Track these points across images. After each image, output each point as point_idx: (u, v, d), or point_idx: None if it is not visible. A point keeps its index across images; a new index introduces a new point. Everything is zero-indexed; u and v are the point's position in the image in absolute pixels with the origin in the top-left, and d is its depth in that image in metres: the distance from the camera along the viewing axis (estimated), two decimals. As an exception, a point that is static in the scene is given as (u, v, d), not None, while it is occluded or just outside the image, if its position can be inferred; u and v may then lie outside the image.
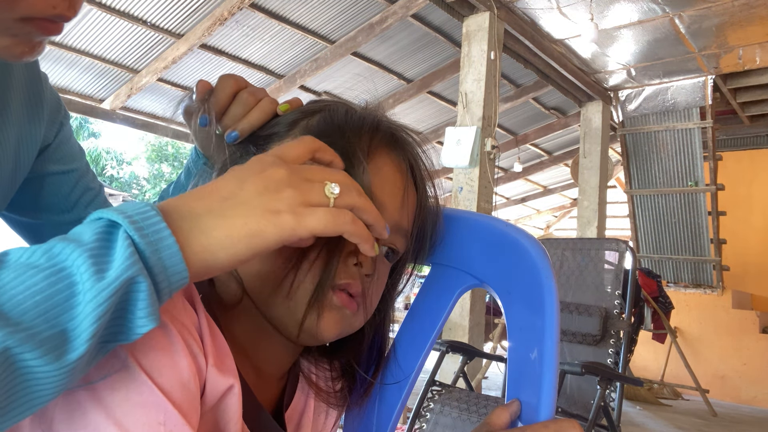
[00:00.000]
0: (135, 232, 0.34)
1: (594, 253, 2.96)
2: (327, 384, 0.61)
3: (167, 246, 0.35)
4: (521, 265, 0.57)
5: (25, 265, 0.32)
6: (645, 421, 4.68)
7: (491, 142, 4.07)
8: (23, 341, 0.30)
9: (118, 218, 0.35)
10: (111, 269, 0.33)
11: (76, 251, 0.33)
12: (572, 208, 12.06)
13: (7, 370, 0.29)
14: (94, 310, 0.32)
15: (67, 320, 0.32)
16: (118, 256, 0.33)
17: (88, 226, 0.35)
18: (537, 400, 0.53)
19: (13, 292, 0.31)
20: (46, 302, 0.31)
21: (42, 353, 0.30)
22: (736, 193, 6.53)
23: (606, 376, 2.33)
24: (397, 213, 0.55)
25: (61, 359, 0.31)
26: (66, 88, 5.63)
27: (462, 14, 4.31)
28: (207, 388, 0.43)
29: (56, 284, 0.32)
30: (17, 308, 0.30)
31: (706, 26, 4.64)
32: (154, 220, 0.36)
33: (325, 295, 0.49)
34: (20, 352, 0.30)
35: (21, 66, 0.70)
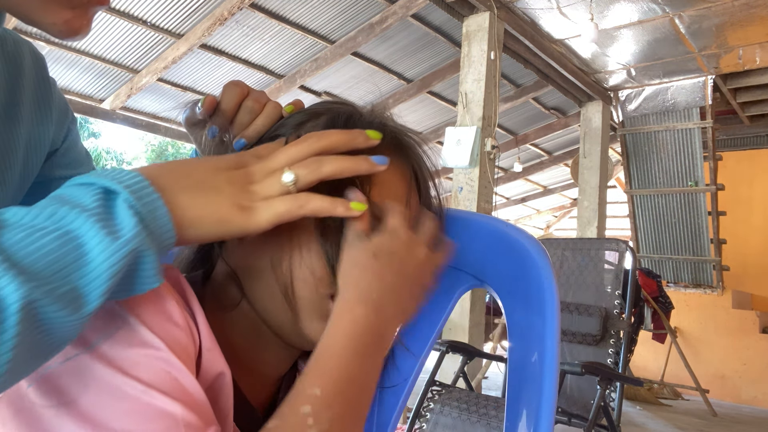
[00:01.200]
0: (135, 201, 0.37)
1: (594, 253, 2.96)
2: None
3: (162, 215, 0.39)
4: (521, 265, 0.57)
5: (31, 227, 0.34)
6: (645, 421, 4.68)
7: (491, 142, 4.07)
8: (45, 295, 0.32)
9: (116, 187, 0.37)
10: (121, 235, 0.36)
11: (82, 216, 0.35)
12: (572, 208, 12.06)
13: (32, 321, 0.32)
14: (107, 270, 0.35)
15: (78, 278, 0.34)
16: (125, 224, 0.36)
17: (83, 190, 0.37)
18: (537, 400, 0.53)
19: (28, 250, 0.33)
20: (58, 262, 0.34)
21: (62, 306, 0.33)
22: (736, 193, 6.52)
23: (606, 376, 2.33)
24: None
25: (78, 311, 0.34)
26: (66, 88, 5.63)
27: (462, 14, 4.31)
28: (202, 366, 0.44)
29: (66, 245, 0.34)
30: (35, 266, 0.33)
31: (706, 26, 4.64)
32: (149, 190, 0.39)
33: (326, 302, 0.50)
34: (43, 305, 0.32)
35: (31, 68, 0.70)
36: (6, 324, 0.31)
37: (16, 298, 0.31)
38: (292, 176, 0.44)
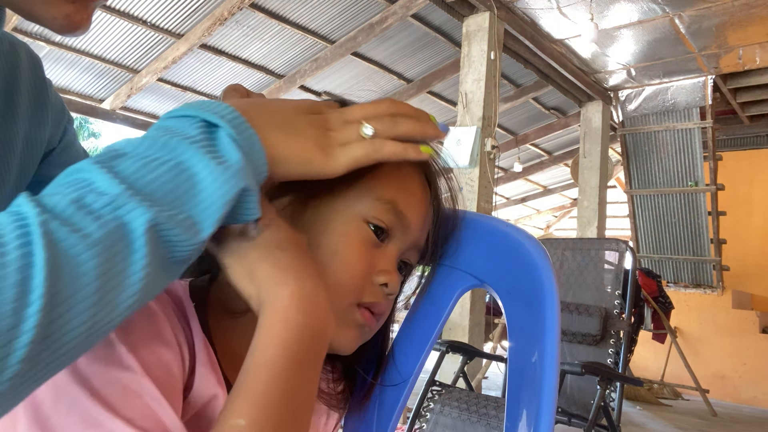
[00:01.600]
0: (237, 135, 0.39)
1: (594, 253, 2.96)
2: (329, 386, 0.61)
3: (258, 149, 0.40)
4: (521, 265, 0.57)
5: (145, 157, 0.36)
6: (645, 421, 4.68)
7: (491, 142, 4.07)
8: (167, 220, 0.35)
9: (217, 120, 0.39)
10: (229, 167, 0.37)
11: (192, 147, 0.37)
12: (572, 208, 12.06)
13: (158, 242, 0.35)
14: (218, 200, 0.37)
15: (191, 207, 0.36)
16: (231, 156, 0.38)
17: (184, 122, 0.39)
18: (537, 400, 0.53)
19: (146, 179, 0.35)
20: (175, 191, 0.36)
21: (181, 231, 0.35)
22: (736, 193, 6.52)
23: (606, 376, 2.33)
24: (419, 231, 0.55)
25: (195, 237, 0.36)
26: (66, 88, 5.63)
27: (462, 14, 4.32)
28: (195, 386, 0.43)
29: (179, 175, 0.36)
30: (154, 194, 0.35)
31: (706, 26, 4.64)
32: (246, 125, 0.40)
33: (351, 312, 0.50)
34: (166, 228, 0.35)
35: (28, 69, 0.70)
36: (136, 245, 0.33)
37: (143, 221, 0.33)
38: (372, 129, 0.46)
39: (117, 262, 0.32)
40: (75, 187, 0.34)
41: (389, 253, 0.52)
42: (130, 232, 0.33)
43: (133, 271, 0.33)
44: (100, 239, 0.32)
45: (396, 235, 0.53)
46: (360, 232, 0.50)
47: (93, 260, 0.31)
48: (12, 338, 0.29)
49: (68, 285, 0.31)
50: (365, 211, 0.51)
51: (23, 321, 0.29)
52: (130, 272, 0.33)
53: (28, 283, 0.29)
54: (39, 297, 0.29)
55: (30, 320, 0.29)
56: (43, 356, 0.30)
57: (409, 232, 0.54)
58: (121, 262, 0.33)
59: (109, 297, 0.32)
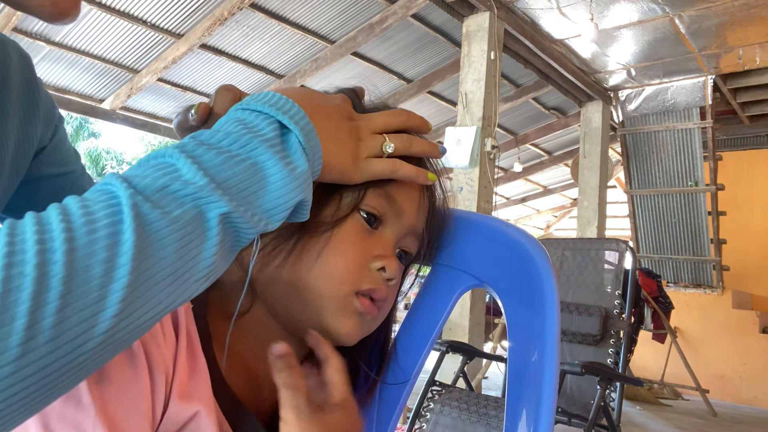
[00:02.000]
0: (306, 144, 0.42)
1: (594, 253, 2.96)
2: None
3: (318, 158, 0.44)
4: (521, 265, 0.57)
5: (227, 153, 0.39)
6: (645, 421, 4.68)
7: (491, 142, 4.07)
8: (240, 214, 0.37)
9: (290, 124, 0.42)
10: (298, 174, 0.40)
11: (269, 151, 0.40)
12: (572, 208, 12.06)
13: (228, 230, 0.37)
14: (283, 204, 0.40)
15: (258, 206, 0.39)
16: (300, 164, 0.41)
17: (260, 119, 0.42)
18: (537, 400, 0.53)
19: (227, 174, 0.38)
20: (248, 188, 0.38)
21: (249, 226, 0.38)
22: (736, 193, 6.52)
23: (606, 376, 2.33)
24: (414, 217, 0.55)
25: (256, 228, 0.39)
26: (66, 88, 5.63)
27: (462, 14, 4.32)
28: (167, 415, 0.42)
29: (254, 175, 0.39)
30: (232, 189, 0.37)
31: (706, 26, 4.64)
32: (314, 135, 0.43)
33: (350, 300, 0.50)
34: (236, 221, 0.37)
35: (18, 68, 0.70)
36: (209, 233, 0.36)
37: (218, 213, 0.36)
38: (393, 147, 0.51)
39: (193, 247, 0.35)
40: (162, 172, 0.36)
41: (384, 239, 0.53)
42: (207, 221, 0.36)
43: (205, 256, 0.35)
44: (183, 225, 0.34)
45: (390, 222, 0.53)
46: (352, 220, 0.51)
47: (174, 243, 0.34)
48: (98, 311, 0.30)
49: (152, 264, 0.32)
50: (356, 199, 0.51)
51: (109, 295, 0.30)
52: (202, 257, 0.35)
53: (115, 259, 0.31)
54: (126, 273, 0.31)
55: (116, 295, 0.31)
56: (121, 332, 0.32)
57: (403, 217, 0.54)
58: (196, 247, 0.35)
59: (183, 278, 0.34)
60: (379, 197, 0.52)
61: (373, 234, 0.52)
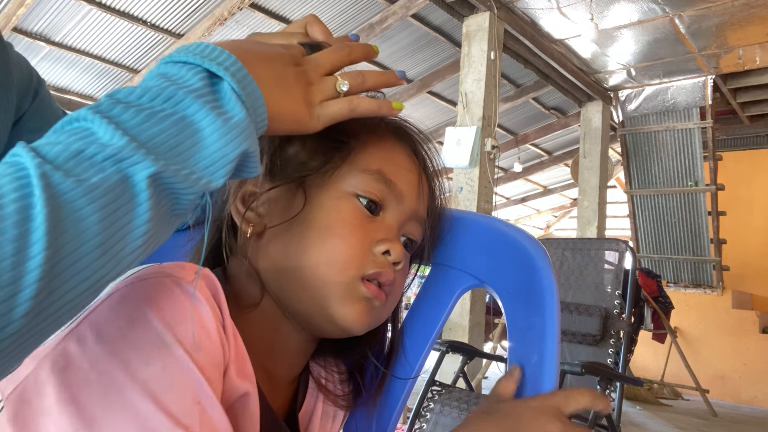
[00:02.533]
0: (240, 90, 0.38)
1: (594, 253, 2.95)
2: (336, 387, 0.61)
3: (260, 106, 0.40)
4: (521, 265, 0.57)
5: (149, 109, 0.35)
6: (645, 421, 4.68)
7: (491, 142, 4.07)
8: (173, 174, 0.34)
9: (220, 72, 0.38)
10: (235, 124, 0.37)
11: (197, 101, 0.36)
12: (572, 208, 12.06)
13: (161, 192, 0.34)
14: (222, 158, 0.36)
15: (194, 163, 0.36)
16: (236, 112, 0.37)
17: (185, 70, 0.38)
18: (537, 400, 0.53)
19: (151, 132, 0.34)
20: (178, 146, 0.35)
21: (186, 185, 0.35)
22: (736, 193, 6.52)
23: (606, 376, 2.33)
24: (415, 201, 0.55)
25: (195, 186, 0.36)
26: (66, 88, 5.63)
27: (462, 14, 4.31)
28: (225, 387, 0.43)
29: (184, 130, 0.35)
30: (158, 148, 0.34)
31: (706, 26, 4.64)
32: (249, 79, 0.39)
33: (356, 286, 0.50)
34: (171, 182, 0.34)
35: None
36: (139, 198, 0.33)
37: (146, 175, 0.33)
38: (347, 85, 0.47)
39: (121, 215, 0.32)
40: (77, 137, 0.33)
41: (387, 223, 0.53)
42: (134, 185, 0.33)
43: (137, 224, 0.33)
44: (105, 191, 0.31)
45: (390, 206, 0.53)
46: (351, 206, 0.51)
47: (97, 213, 0.31)
48: (13, 293, 0.28)
49: (72, 238, 0.30)
50: (354, 185, 0.51)
51: (24, 275, 0.28)
52: (134, 225, 0.33)
53: (27, 236, 0.28)
54: (41, 250, 0.29)
55: (31, 274, 0.28)
56: (47, 312, 0.30)
57: (403, 202, 0.54)
58: (125, 215, 0.32)
59: (114, 250, 0.32)
60: (377, 182, 0.52)
61: (374, 220, 0.52)
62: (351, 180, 0.51)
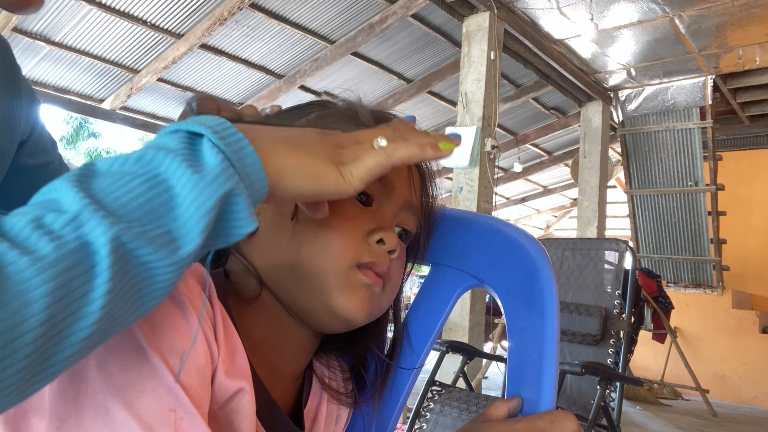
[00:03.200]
0: (219, 141, 0.35)
1: (594, 253, 2.95)
2: (339, 385, 0.61)
3: (249, 154, 0.37)
4: (521, 265, 0.57)
5: (120, 173, 0.33)
6: (645, 421, 4.68)
7: (491, 142, 4.07)
8: (137, 237, 0.31)
9: (199, 129, 0.36)
10: (207, 173, 0.34)
11: (168, 157, 0.34)
12: (572, 208, 12.06)
13: (126, 264, 0.31)
14: (198, 209, 0.33)
15: (170, 221, 0.33)
16: (210, 162, 0.35)
17: (169, 137, 0.36)
18: (537, 400, 0.53)
19: (116, 194, 0.32)
20: (148, 205, 0.32)
21: (155, 248, 0.32)
22: (736, 193, 6.52)
23: (606, 376, 2.33)
24: (407, 191, 0.55)
25: (175, 254, 0.32)
26: (66, 88, 5.63)
27: (462, 14, 4.32)
28: (214, 388, 0.42)
29: (155, 188, 0.33)
30: (124, 209, 0.32)
31: (706, 26, 4.64)
32: (233, 131, 0.37)
33: (353, 274, 0.50)
34: (135, 247, 0.31)
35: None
36: (98, 268, 0.30)
37: (107, 240, 0.30)
38: (385, 141, 0.44)
39: (74, 288, 0.29)
40: (41, 206, 0.31)
41: (380, 214, 0.53)
42: (93, 254, 0.30)
43: (91, 298, 0.29)
44: (54, 262, 0.28)
45: (382, 197, 0.53)
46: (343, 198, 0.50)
47: (43, 286, 0.28)
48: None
49: (11, 315, 0.27)
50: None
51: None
52: (87, 300, 0.29)
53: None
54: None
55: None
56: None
57: (395, 192, 0.54)
58: (78, 288, 0.29)
59: (60, 327, 0.29)
60: None
61: (366, 211, 0.52)
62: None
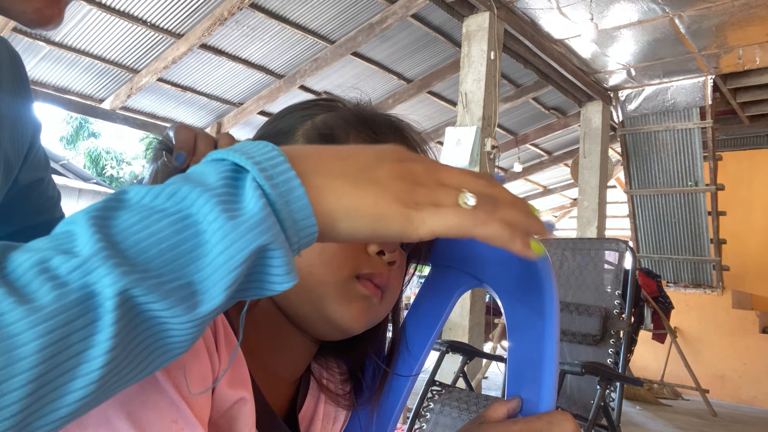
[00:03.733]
0: (265, 182, 0.31)
1: (594, 253, 2.95)
2: (337, 387, 0.61)
3: (297, 198, 0.32)
4: (521, 265, 0.57)
5: (149, 209, 0.29)
6: (645, 421, 4.68)
7: (491, 142, 4.07)
8: (150, 290, 0.27)
9: (245, 163, 0.31)
10: (243, 221, 0.30)
11: (203, 197, 0.30)
12: (572, 208, 12.06)
13: (133, 320, 0.27)
14: (226, 262, 0.29)
15: (194, 271, 0.29)
16: (249, 207, 0.30)
17: (212, 167, 0.32)
18: (537, 400, 0.53)
19: (138, 237, 0.28)
20: (172, 251, 0.29)
21: (170, 304, 0.28)
22: (736, 193, 6.53)
23: (606, 376, 2.33)
24: None
25: (192, 311, 0.28)
26: (66, 88, 5.63)
27: (462, 14, 4.31)
28: (216, 397, 0.42)
29: (182, 232, 0.29)
30: (142, 255, 0.28)
31: (706, 26, 4.64)
32: (283, 167, 0.32)
33: (351, 285, 0.49)
34: (147, 301, 0.27)
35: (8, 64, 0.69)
36: (101, 323, 0.26)
37: (115, 291, 0.26)
38: (474, 201, 0.36)
39: (71, 344, 0.26)
40: (55, 242, 0.28)
41: None
42: (97, 306, 0.26)
43: (91, 356, 0.26)
44: (53, 313, 0.25)
45: None
46: None
47: (35, 342, 0.25)
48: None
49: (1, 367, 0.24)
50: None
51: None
52: (86, 357, 0.26)
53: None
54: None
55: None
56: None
57: None
58: (76, 344, 0.26)
59: (51, 387, 0.26)
60: None
61: None
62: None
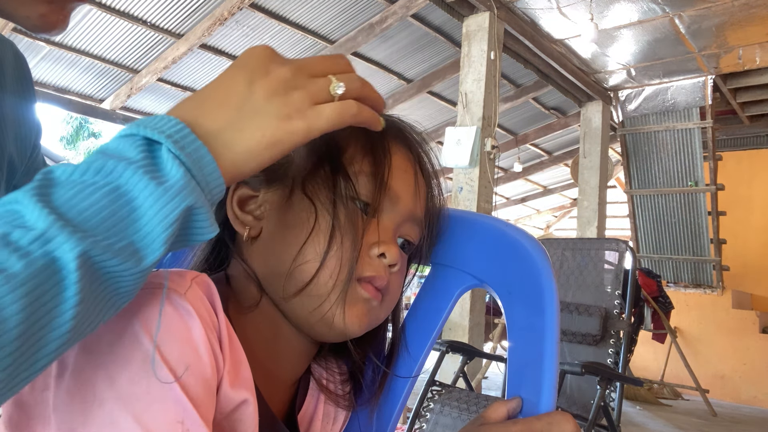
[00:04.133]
0: (179, 152, 0.36)
1: (594, 253, 2.95)
2: (337, 387, 0.61)
3: (207, 162, 0.37)
4: (521, 265, 0.57)
5: (80, 184, 0.34)
6: (645, 421, 4.68)
7: (491, 142, 4.07)
8: (104, 250, 0.32)
9: (158, 137, 0.36)
10: (170, 186, 0.35)
11: (129, 169, 0.34)
12: (572, 208, 12.06)
13: (93, 276, 0.32)
14: (160, 222, 0.34)
15: (133, 233, 0.34)
16: (172, 175, 0.35)
17: (126, 141, 0.36)
18: (537, 400, 0.53)
19: (79, 207, 0.33)
20: (112, 217, 0.33)
21: (122, 260, 0.33)
22: (736, 193, 6.52)
23: (606, 376, 2.33)
24: (411, 202, 0.55)
25: (140, 264, 0.34)
26: (66, 88, 5.63)
27: (462, 14, 4.31)
28: (219, 398, 0.42)
29: (117, 200, 0.34)
30: (88, 222, 0.33)
31: (706, 26, 4.64)
32: (191, 138, 0.37)
33: (352, 288, 0.49)
34: (102, 260, 0.32)
35: (12, 65, 0.69)
36: (67, 281, 0.31)
37: (75, 255, 0.31)
38: (343, 88, 0.42)
39: (45, 302, 0.30)
40: (4, 221, 0.31)
41: (382, 226, 0.52)
42: (61, 268, 0.31)
43: (62, 310, 0.30)
44: (26, 279, 0.29)
45: (386, 208, 0.53)
46: (344, 209, 0.50)
47: (16, 303, 0.29)
48: None
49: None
50: (348, 187, 0.51)
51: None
52: (58, 312, 0.30)
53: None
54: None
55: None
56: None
57: (399, 203, 0.53)
58: (49, 302, 0.30)
59: (33, 340, 0.30)
60: (372, 185, 0.51)
61: (369, 222, 0.51)
62: (345, 182, 0.51)
